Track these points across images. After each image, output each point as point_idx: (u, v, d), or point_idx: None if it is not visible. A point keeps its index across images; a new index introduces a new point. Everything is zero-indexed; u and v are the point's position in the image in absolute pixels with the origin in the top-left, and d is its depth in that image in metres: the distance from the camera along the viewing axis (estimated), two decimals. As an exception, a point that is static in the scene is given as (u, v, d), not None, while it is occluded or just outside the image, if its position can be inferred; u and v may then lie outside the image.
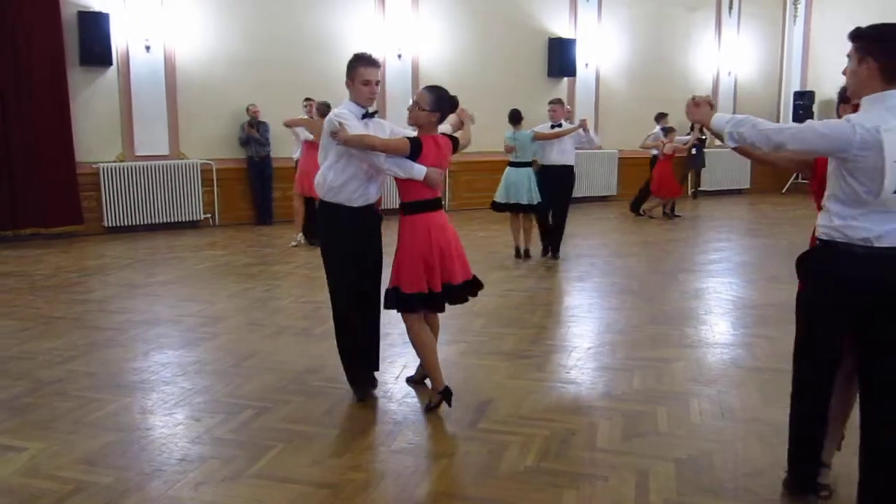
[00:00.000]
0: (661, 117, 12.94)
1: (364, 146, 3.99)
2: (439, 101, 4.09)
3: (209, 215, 11.32)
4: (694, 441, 3.81)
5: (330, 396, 4.41)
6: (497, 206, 8.79)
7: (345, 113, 4.09)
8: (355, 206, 4.24)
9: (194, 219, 11.18)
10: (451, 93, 4.15)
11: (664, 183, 12.05)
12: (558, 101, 9.02)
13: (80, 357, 5.15)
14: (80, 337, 5.62)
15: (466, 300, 4.37)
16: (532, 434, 3.87)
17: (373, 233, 4.39)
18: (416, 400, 4.41)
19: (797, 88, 16.22)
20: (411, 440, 3.83)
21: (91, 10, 10.11)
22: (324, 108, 8.60)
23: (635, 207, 12.68)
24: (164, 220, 10.93)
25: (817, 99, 15.72)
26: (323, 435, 3.87)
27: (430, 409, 4.18)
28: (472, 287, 4.35)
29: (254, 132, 11.08)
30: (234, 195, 11.47)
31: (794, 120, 15.94)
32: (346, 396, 4.42)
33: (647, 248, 9.65)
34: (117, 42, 10.38)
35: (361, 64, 4.13)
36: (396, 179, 4.14)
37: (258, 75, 11.28)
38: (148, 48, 10.58)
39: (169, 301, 6.81)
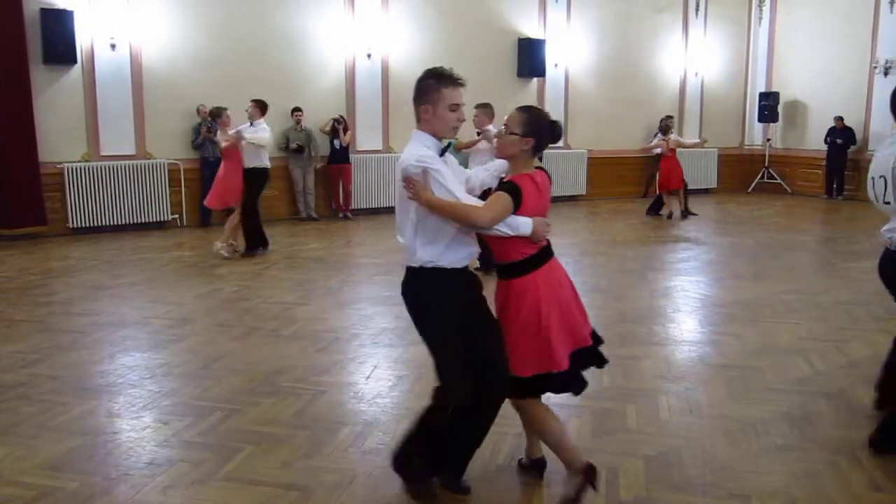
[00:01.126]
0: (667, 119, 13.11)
1: (459, 220, 3.05)
2: (535, 125, 3.16)
3: (176, 216, 11.19)
4: (663, 438, 3.85)
5: (300, 398, 4.39)
6: None
7: (429, 155, 3.08)
8: (458, 267, 3.19)
9: (161, 219, 11.04)
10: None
11: (672, 175, 11.98)
12: (482, 106, 7.91)
13: (44, 360, 5.06)
14: (43, 340, 5.53)
15: (603, 361, 3.37)
16: (503, 433, 3.88)
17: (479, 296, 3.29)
18: (387, 400, 4.40)
19: (762, 89, 16.44)
20: (381, 440, 3.82)
21: (54, 7, 9.93)
22: (218, 111, 8.98)
23: (654, 209, 12.64)
24: (131, 221, 10.78)
25: (782, 100, 15.96)
26: (293, 436, 3.85)
27: (575, 500, 3.17)
28: (598, 339, 3.36)
29: (211, 135, 10.91)
30: (202, 196, 11.32)
31: (760, 120, 16.19)
32: (316, 397, 4.40)
33: (615, 247, 9.72)
34: (82, 40, 10.21)
35: (447, 84, 3.09)
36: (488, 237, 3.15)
37: (225, 74, 11.17)
38: (113, 46, 10.42)
39: (135, 303, 6.72)
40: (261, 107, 8.77)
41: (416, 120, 3.18)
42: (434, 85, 3.10)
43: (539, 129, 3.17)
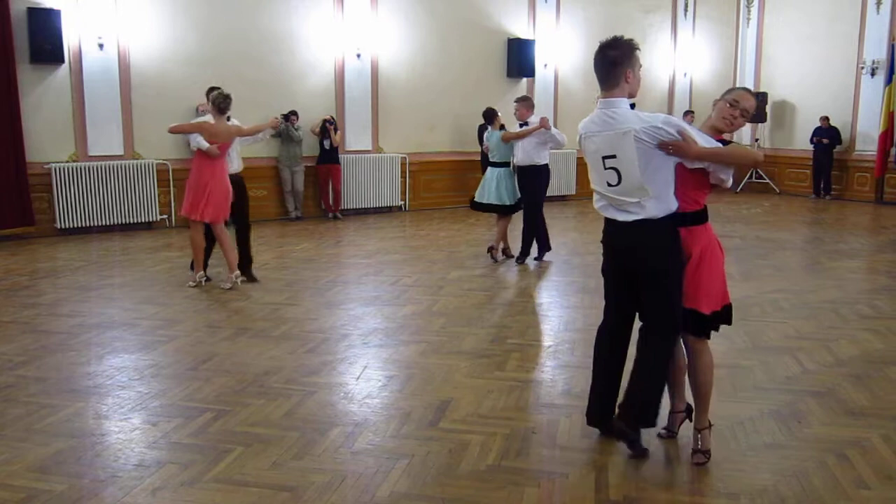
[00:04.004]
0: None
1: (740, 160, 3.65)
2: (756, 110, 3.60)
3: (165, 216, 11.14)
4: (651, 436, 3.86)
5: (289, 398, 4.38)
6: (472, 205, 8.86)
7: (668, 117, 3.43)
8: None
9: (150, 220, 10.99)
10: (412, 92, 3.91)
11: None
12: (523, 99, 8.60)
13: (31, 362, 5.03)
14: (30, 341, 5.49)
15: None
16: (492, 433, 3.89)
17: None
18: (377, 400, 4.40)
19: (751, 90, 16.55)
20: (372, 441, 3.82)
21: (42, 6, 9.86)
22: (221, 101, 7.00)
23: None
24: (119, 222, 10.72)
25: (770, 100, 16.05)
26: (283, 437, 3.84)
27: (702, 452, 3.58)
28: None
29: None
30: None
31: (748, 120, 16.24)
32: (306, 398, 4.39)
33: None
34: (69, 39, 10.14)
35: (637, 49, 3.54)
36: (690, 184, 3.49)
37: (214, 74, 11.10)
38: (101, 46, 10.36)
39: (124, 304, 6.69)
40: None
41: (613, 86, 3.45)
42: (634, 47, 3.48)
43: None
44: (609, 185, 3.46)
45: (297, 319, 6.15)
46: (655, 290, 3.49)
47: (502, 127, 8.65)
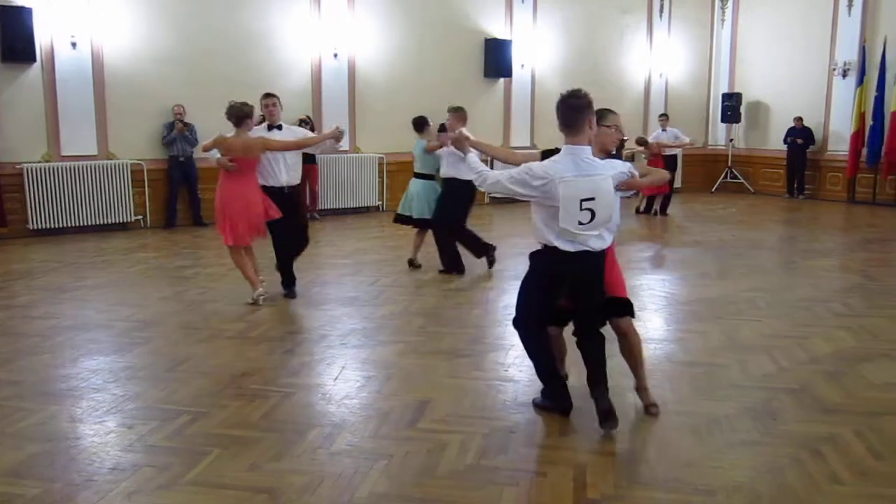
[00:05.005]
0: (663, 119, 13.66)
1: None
2: None
3: (140, 217, 11.03)
4: (630, 435, 3.89)
5: (267, 400, 4.35)
6: (396, 218, 8.30)
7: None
8: None
9: (124, 220, 10.87)
10: (389, 92, 4.11)
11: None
12: (456, 110, 7.84)
13: (4, 365, 4.95)
14: (3, 344, 5.41)
15: None
16: (471, 432, 3.89)
17: None
18: (355, 401, 4.39)
19: (725, 90, 16.68)
20: (350, 441, 3.81)
21: (13, 4, 9.72)
22: (227, 112, 6.51)
23: (662, 209, 12.95)
24: (93, 223, 10.59)
25: (744, 100, 16.20)
26: (260, 439, 3.82)
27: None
28: None
29: (185, 130, 10.81)
30: (165, 196, 11.18)
31: (723, 121, 16.42)
32: (284, 399, 4.37)
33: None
34: (41, 37, 10.00)
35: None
36: None
37: (190, 73, 11.05)
38: (74, 44, 10.23)
39: (99, 305, 6.61)
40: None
41: (578, 132, 3.85)
42: (591, 100, 3.87)
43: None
44: (580, 223, 3.83)
45: (274, 320, 6.11)
46: (593, 297, 4.06)
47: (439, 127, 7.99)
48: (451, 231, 7.96)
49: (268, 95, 7.00)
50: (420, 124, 8.22)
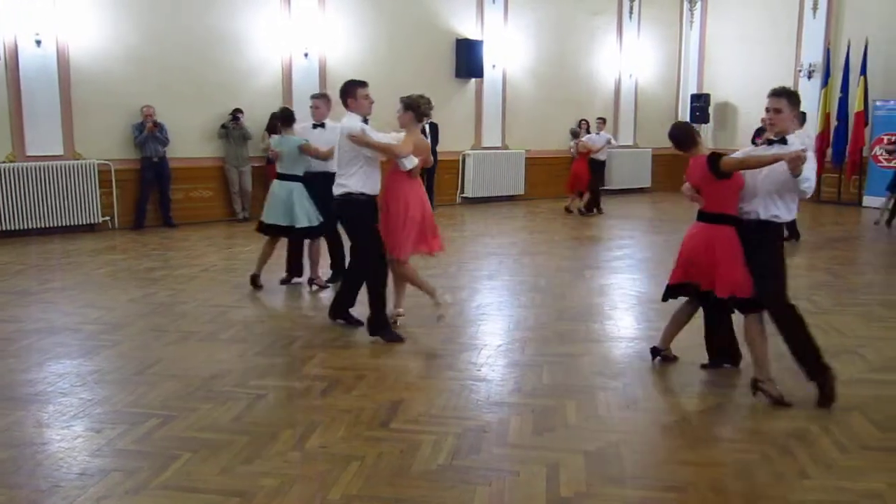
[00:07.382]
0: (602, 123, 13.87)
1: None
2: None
3: (108, 218, 10.87)
4: (602, 433, 3.92)
5: (238, 402, 4.31)
6: (259, 228, 7.29)
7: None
8: None
9: (92, 222, 10.71)
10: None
11: (581, 177, 12.83)
12: (321, 96, 7.26)
13: (-32, 369, 4.85)
14: (-34, 348, 5.30)
15: None
16: (444, 432, 3.89)
17: None
18: (328, 402, 4.36)
19: (694, 91, 16.89)
20: (322, 443, 3.78)
21: (-25, 1, 9.55)
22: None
23: (591, 207, 13.08)
24: (60, 224, 10.42)
25: (713, 101, 16.41)
26: (231, 442, 3.78)
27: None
28: None
29: (156, 130, 10.67)
30: (134, 197, 11.03)
31: (692, 121, 16.59)
32: (255, 401, 4.33)
33: (554, 246, 9.84)
34: (4, 35, 9.82)
35: None
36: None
37: (159, 73, 10.91)
38: (38, 42, 10.05)
39: (65, 308, 6.50)
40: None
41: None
42: None
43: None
44: None
45: (245, 322, 6.06)
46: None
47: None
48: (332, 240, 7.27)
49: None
50: (287, 118, 7.21)
